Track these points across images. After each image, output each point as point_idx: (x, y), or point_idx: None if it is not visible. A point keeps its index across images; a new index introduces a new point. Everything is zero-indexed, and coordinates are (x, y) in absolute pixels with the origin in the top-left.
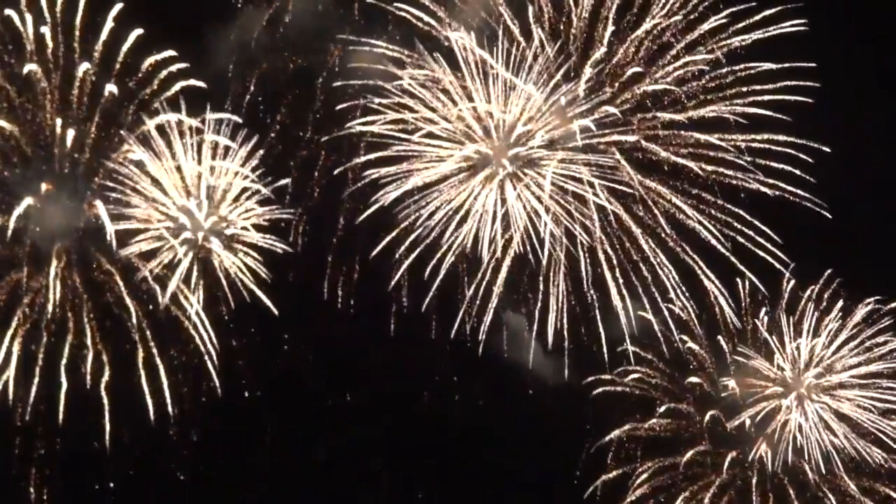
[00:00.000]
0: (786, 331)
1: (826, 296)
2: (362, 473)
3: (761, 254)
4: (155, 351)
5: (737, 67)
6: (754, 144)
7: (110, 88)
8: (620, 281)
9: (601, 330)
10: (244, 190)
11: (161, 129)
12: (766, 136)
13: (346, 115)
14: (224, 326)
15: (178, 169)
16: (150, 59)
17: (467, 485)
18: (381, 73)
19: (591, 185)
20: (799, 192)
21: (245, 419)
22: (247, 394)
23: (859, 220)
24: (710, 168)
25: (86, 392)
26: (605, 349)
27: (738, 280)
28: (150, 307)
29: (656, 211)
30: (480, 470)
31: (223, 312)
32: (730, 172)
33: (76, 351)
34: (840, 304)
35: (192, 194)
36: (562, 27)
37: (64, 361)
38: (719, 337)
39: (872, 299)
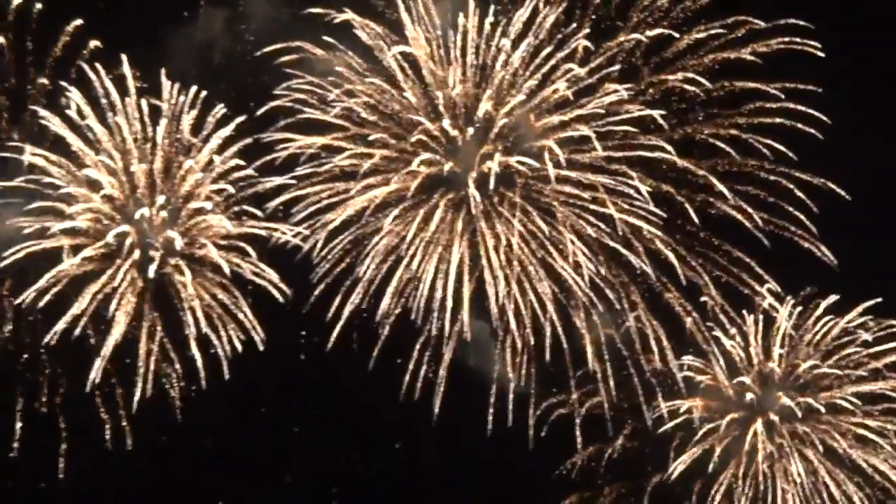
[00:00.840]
0: (754, 352)
1: (802, 312)
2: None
3: (728, 277)
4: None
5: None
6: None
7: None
8: (592, 297)
9: (566, 348)
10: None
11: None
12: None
13: (303, 129)
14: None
15: (132, 181)
16: (108, 74)
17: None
18: (340, 84)
19: (564, 203)
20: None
21: (206, 439)
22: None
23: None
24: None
25: (41, 418)
26: (570, 369)
27: (708, 299)
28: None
29: (625, 228)
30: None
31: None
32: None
33: (31, 376)
34: (812, 320)
35: (146, 205)
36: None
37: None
38: (687, 357)
39: (854, 312)
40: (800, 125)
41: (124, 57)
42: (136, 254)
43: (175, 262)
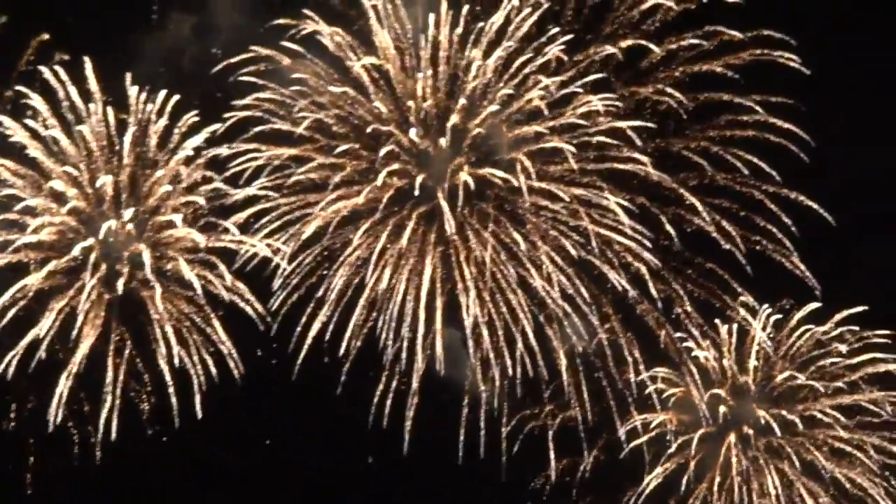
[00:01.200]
0: (728, 364)
1: (779, 323)
2: None
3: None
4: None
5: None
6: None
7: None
8: (566, 308)
9: (540, 361)
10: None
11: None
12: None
13: (272, 140)
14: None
15: (97, 193)
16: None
17: None
18: (309, 95)
19: (537, 215)
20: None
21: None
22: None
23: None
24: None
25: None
26: (544, 382)
27: (680, 309)
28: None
29: (598, 240)
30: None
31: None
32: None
33: None
34: (788, 331)
35: (112, 218)
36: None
37: None
38: (660, 369)
39: (830, 323)
40: (772, 137)
41: (87, 59)
42: (103, 268)
43: (143, 277)
